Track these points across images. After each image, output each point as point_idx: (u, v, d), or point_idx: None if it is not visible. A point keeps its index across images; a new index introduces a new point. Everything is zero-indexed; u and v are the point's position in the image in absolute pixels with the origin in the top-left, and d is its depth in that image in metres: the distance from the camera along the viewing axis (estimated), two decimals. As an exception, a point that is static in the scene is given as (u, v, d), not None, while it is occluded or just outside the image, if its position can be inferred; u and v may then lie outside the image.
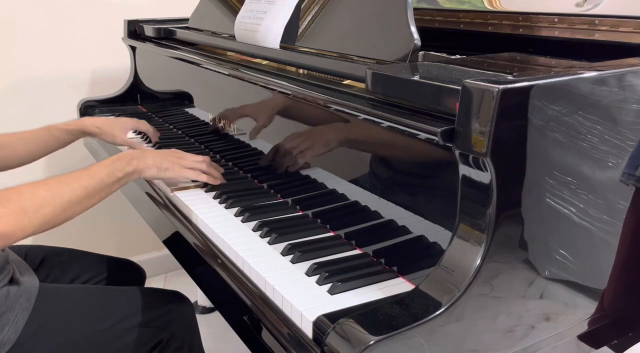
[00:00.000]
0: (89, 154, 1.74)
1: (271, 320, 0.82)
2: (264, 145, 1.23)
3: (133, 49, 1.89)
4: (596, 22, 1.04)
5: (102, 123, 1.44)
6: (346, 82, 1.03)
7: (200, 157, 1.20)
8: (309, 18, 1.21)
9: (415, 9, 1.00)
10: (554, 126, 0.72)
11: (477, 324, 0.74)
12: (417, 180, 0.88)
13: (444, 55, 1.12)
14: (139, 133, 1.61)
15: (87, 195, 0.99)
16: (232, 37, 1.42)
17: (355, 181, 0.98)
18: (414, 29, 0.96)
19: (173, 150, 1.21)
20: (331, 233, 1.01)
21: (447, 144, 0.72)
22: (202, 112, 1.51)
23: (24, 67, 1.96)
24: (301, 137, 1.10)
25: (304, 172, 1.10)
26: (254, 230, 1.02)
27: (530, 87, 0.69)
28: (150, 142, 1.54)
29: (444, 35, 1.33)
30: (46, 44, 1.98)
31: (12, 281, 1.03)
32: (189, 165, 1.17)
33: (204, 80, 1.47)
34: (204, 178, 1.18)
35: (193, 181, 1.21)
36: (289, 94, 1.09)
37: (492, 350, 0.77)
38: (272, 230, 0.99)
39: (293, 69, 1.21)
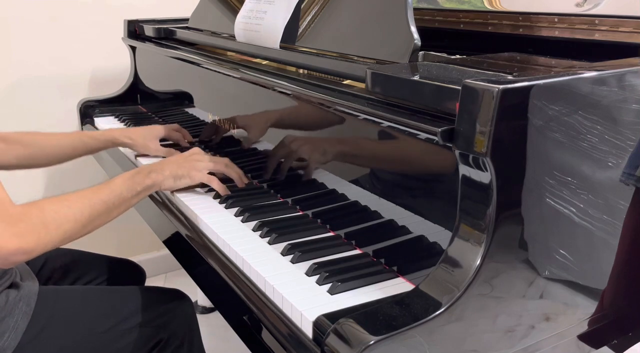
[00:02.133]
0: (92, 158, 1.74)
1: (271, 320, 0.82)
2: (264, 145, 1.23)
3: (133, 49, 1.89)
4: (596, 22, 1.04)
5: (134, 133, 1.42)
6: (346, 82, 1.03)
7: (217, 159, 1.19)
8: (309, 18, 1.21)
9: (415, 9, 1.00)
10: (554, 126, 0.72)
11: (477, 324, 0.74)
12: (417, 180, 0.88)
13: (444, 55, 1.12)
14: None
15: (107, 210, 0.99)
16: (232, 37, 1.42)
17: (355, 181, 0.98)
18: (414, 29, 0.96)
19: (192, 151, 1.18)
20: (331, 233, 1.01)
21: (447, 144, 0.72)
22: (202, 112, 1.51)
23: (24, 67, 1.96)
24: (302, 138, 1.10)
25: (303, 172, 1.10)
26: (254, 230, 1.02)
27: (530, 87, 0.69)
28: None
29: (444, 35, 1.33)
30: (46, 44, 1.98)
31: (12, 285, 1.03)
32: (206, 167, 1.14)
33: (204, 80, 1.47)
34: (215, 185, 1.14)
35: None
36: (289, 94, 1.09)
37: (492, 350, 0.77)
38: (272, 230, 0.99)
39: (293, 68, 1.21)
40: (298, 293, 0.82)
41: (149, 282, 1.51)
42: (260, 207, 1.10)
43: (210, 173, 1.17)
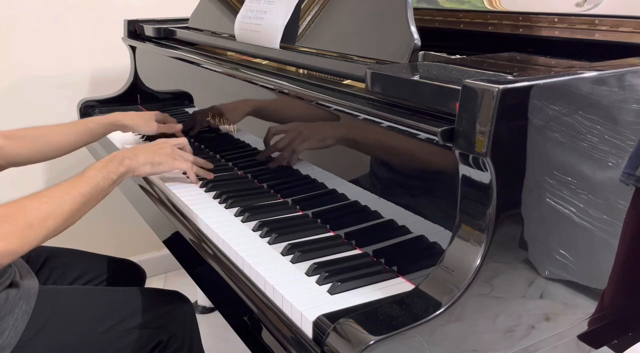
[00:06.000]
0: (89, 154, 1.74)
1: (271, 320, 0.82)
2: (264, 145, 1.22)
3: (133, 49, 1.89)
4: (596, 22, 1.04)
5: (135, 115, 1.46)
6: (346, 82, 1.03)
7: (182, 142, 1.23)
8: (309, 18, 1.21)
9: (415, 9, 1.00)
10: (554, 126, 0.73)
11: (477, 324, 0.74)
12: (417, 180, 0.88)
13: (444, 55, 1.12)
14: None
15: (86, 202, 1.00)
16: (232, 37, 1.42)
17: (355, 181, 0.98)
18: (414, 29, 0.96)
19: (157, 141, 1.21)
20: (331, 233, 1.01)
21: (447, 144, 0.72)
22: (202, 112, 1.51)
23: (24, 67, 1.96)
24: (300, 134, 1.10)
25: (304, 172, 1.10)
26: (254, 230, 1.02)
27: (530, 87, 0.69)
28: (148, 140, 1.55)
29: (444, 35, 1.33)
30: (46, 44, 1.98)
31: (12, 284, 1.04)
32: (179, 156, 1.18)
33: (204, 80, 1.47)
34: (195, 171, 1.21)
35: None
36: (289, 94, 1.09)
37: (492, 350, 0.77)
38: (272, 230, 0.99)
39: (293, 68, 1.21)
40: (298, 293, 0.82)
41: (149, 282, 1.51)
42: (260, 207, 1.10)
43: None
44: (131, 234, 2.26)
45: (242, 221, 1.06)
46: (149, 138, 1.56)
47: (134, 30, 1.88)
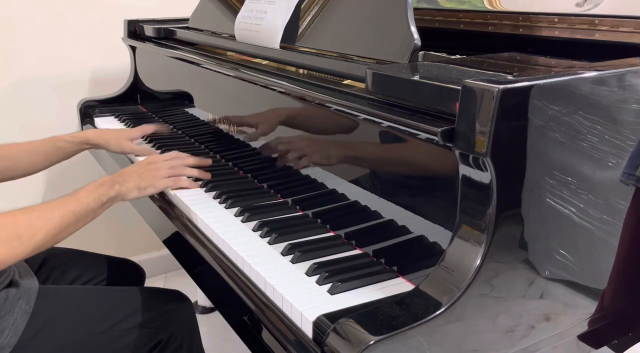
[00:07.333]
0: (91, 156, 1.74)
1: (271, 320, 0.82)
2: (264, 145, 1.22)
3: (133, 49, 1.89)
4: (596, 22, 1.04)
5: (108, 134, 1.44)
6: (346, 82, 1.03)
7: (172, 155, 1.23)
8: (309, 18, 1.21)
9: (415, 9, 1.00)
10: (554, 126, 0.73)
11: (477, 324, 0.74)
12: (417, 180, 0.88)
13: (444, 55, 1.12)
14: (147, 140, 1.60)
15: (75, 221, 1.01)
16: (232, 37, 1.42)
17: (355, 181, 0.98)
18: (414, 29, 0.96)
19: (147, 159, 1.21)
20: (331, 233, 1.01)
21: (447, 144, 0.72)
22: (202, 112, 1.51)
23: (24, 66, 1.96)
24: (302, 138, 1.10)
25: (304, 172, 1.10)
26: (254, 230, 1.02)
27: (530, 87, 0.69)
28: (159, 148, 1.52)
29: (444, 35, 1.33)
30: (46, 44, 1.98)
31: (11, 284, 1.04)
32: (166, 174, 1.18)
33: (204, 80, 1.47)
34: (184, 183, 1.21)
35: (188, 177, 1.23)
36: (289, 94, 1.09)
37: (492, 350, 0.77)
38: (272, 230, 0.99)
39: (293, 68, 1.21)
40: (298, 293, 0.82)
41: (149, 282, 1.51)
42: (260, 207, 1.10)
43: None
44: (131, 234, 2.26)
45: (242, 221, 1.06)
46: (150, 140, 1.56)
47: (134, 30, 1.88)
